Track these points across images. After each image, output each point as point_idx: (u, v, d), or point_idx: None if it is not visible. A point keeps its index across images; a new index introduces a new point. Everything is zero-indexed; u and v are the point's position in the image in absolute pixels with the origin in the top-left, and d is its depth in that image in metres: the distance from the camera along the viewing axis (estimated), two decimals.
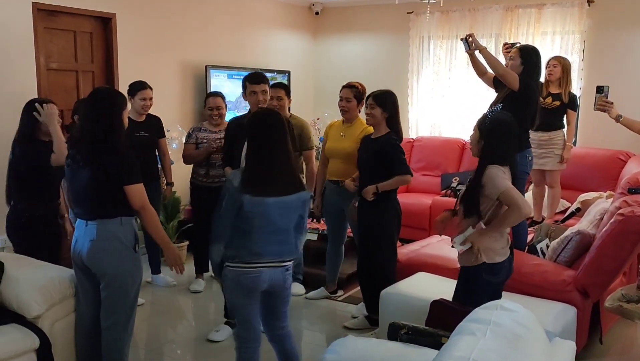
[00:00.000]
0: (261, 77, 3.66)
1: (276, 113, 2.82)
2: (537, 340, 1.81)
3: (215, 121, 4.49)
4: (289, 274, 2.75)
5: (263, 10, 6.68)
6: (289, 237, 2.69)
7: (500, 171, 2.74)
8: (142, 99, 4.28)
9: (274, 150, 2.63)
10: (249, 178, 2.59)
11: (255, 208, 2.57)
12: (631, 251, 3.25)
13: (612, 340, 3.73)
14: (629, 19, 5.67)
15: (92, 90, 2.93)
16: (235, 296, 2.70)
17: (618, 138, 5.48)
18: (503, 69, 3.93)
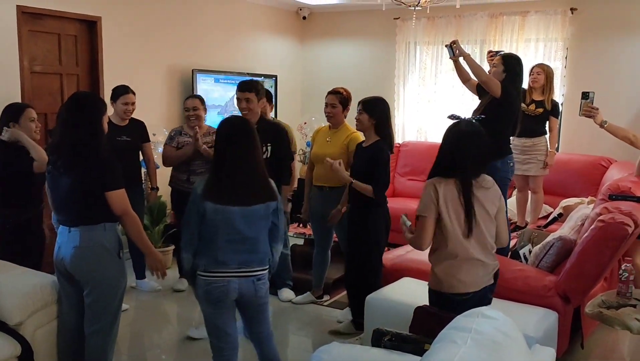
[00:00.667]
0: (244, 85, 3.67)
1: (244, 121, 2.77)
2: (517, 348, 1.84)
3: (192, 122, 4.47)
4: (262, 283, 2.68)
5: (250, 15, 6.69)
6: (258, 246, 2.64)
7: (431, 186, 2.60)
8: (124, 104, 4.26)
9: (238, 159, 2.59)
10: (211, 186, 2.57)
11: (218, 215, 2.55)
12: (611, 257, 3.30)
13: (593, 345, 3.78)
14: (611, 27, 5.76)
15: (71, 95, 2.89)
16: (206, 307, 2.67)
17: (600, 145, 5.56)
18: (485, 76, 3.99)
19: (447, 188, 2.59)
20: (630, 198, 3.71)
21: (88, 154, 2.64)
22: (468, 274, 2.60)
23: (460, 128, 2.64)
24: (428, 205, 2.59)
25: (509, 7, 6.13)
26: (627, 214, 3.34)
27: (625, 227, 3.24)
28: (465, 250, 2.59)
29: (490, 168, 4.02)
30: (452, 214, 2.59)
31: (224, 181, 2.57)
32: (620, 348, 3.93)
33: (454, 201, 2.58)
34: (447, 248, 2.61)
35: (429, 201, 2.59)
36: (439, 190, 2.59)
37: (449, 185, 2.59)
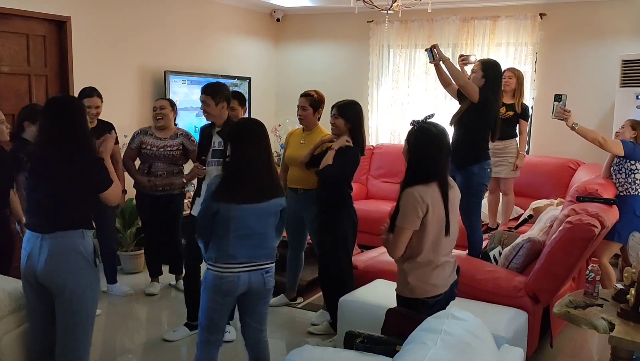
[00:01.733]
0: (203, 87, 3.69)
1: (255, 123, 2.84)
2: (486, 348, 1.87)
3: (158, 123, 4.45)
4: (270, 276, 2.80)
5: (224, 16, 6.65)
6: (266, 241, 2.76)
7: (417, 197, 2.51)
8: (87, 107, 4.16)
9: (250, 159, 2.69)
10: (224, 186, 2.67)
11: (230, 212, 2.65)
12: (579, 257, 3.37)
13: (562, 343, 3.85)
14: (579, 32, 5.89)
15: (48, 100, 2.84)
16: (210, 298, 2.75)
17: (569, 147, 5.68)
18: (464, 81, 4.03)
19: (433, 195, 2.54)
20: (597, 199, 3.80)
21: (74, 159, 2.57)
22: (439, 277, 2.62)
23: (431, 130, 2.61)
24: (411, 218, 2.52)
25: (480, 12, 6.22)
26: (593, 215, 3.42)
27: (592, 228, 3.32)
28: (437, 255, 2.60)
29: (466, 173, 4.13)
30: (437, 219, 2.56)
31: (236, 181, 2.68)
32: (588, 347, 4.02)
33: (439, 205, 2.56)
34: (421, 256, 2.58)
35: (413, 215, 2.51)
36: (425, 200, 2.51)
37: (434, 191, 2.55)
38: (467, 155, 4.07)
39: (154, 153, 4.43)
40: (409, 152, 2.63)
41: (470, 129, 4.10)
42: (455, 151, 4.20)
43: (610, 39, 5.74)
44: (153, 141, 4.45)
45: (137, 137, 4.49)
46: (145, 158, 4.48)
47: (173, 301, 4.61)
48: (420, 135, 2.61)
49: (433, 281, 2.61)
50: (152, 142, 4.45)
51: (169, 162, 4.45)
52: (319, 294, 4.43)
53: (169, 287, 4.82)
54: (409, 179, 2.58)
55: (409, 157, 2.63)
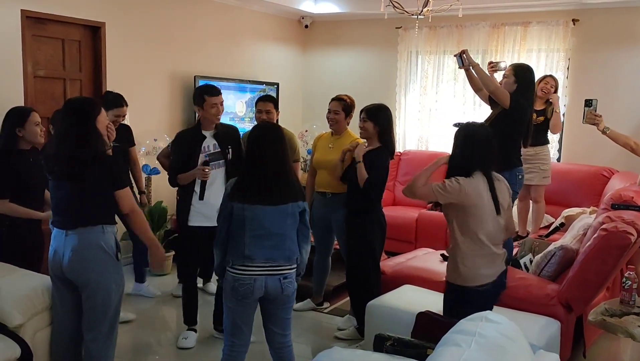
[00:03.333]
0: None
1: (272, 126, 2.90)
2: (521, 352, 1.83)
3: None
4: (289, 282, 2.76)
5: (253, 23, 6.72)
6: (284, 242, 2.73)
7: (460, 184, 2.72)
8: (116, 116, 4.21)
9: (266, 162, 2.71)
10: (239, 187, 2.70)
11: (244, 211, 2.67)
12: (614, 265, 3.29)
13: (595, 354, 3.75)
14: (612, 38, 5.78)
15: (64, 103, 2.90)
16: (230, 301, 2.76)
17: (602, 155, 5.57)
18: (495, 86, 3.97)
19: (478, 185, 2.73)
20: (633, 207, 3.70)
21: (86, 159, 2.63)
22: (490, 267, 2.76)
23: (475, 129, 2.86)
24: (454, 189, 2.70)
25: (511, 18, 6.15)
26: (629, 223, 3.33)
27: (628, 236, 3.23)
28: (489, 244, 2.75)
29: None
30: (487, 208, 2.73)
31: (251, 182, 2.71)
32: (622, 357, 3.91)
33: (487, 194, 2.73)
34: (476, 244, 2.73)
35: (455, 190, 2.70)
36: (469, 185, 2.72)
37: (478, 181, 2.73)
38: (497, 161, 4.00)
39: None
40: (453, 148, 2.83)
41: (501, 135, 4.02)
42: None
43: None
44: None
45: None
46: None
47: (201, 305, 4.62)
48: (465, 132, 2.84)
49: (484, 271, 2.74)
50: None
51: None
52: (345, 299, 4.41)
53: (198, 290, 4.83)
54: (450, 172, 2.78)
55: (453, 152, 2.83)
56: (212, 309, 3.98)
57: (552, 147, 5.71)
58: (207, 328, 4.02)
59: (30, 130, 3.36)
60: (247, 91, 6.40)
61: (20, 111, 3.44)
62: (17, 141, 3.31)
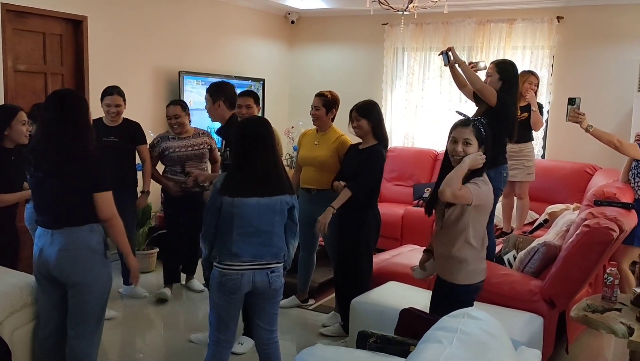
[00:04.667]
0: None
1: (261, 121, 2.88)
2: (503, 348, 1.82)
3: (175, 130, 4.46)
4: (276, 276, 2.76)
5: (239, 18, 6.67)
6: (271, 239, 2.73)
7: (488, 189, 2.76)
8: (107, 105, 4.19)
9: (256, 156, 2.70)
10: (229, 181, 2.69)
11: (233, 208, 2.65)
12: (596, 261, 3.31)
13: (578, 349, 3.78)
14: (596, 36, 5.82)
15: (51, 94, 2.76)
16: (216, 296, 2.75)
17: (585, 152, 5.61)
18: (481, 84, 3.96)
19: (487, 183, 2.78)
20: (615, 203, 3.74)
21: (76, 155, 2.55)
22: (484, 261, 2.82)
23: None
24: (485, 191, 2.71)
25: (496, 15, 6.17)
26: (612, 219, 3.36)
27: (610, 232, 3.26)
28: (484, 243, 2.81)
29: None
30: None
31: (241, 175, 2.69)
32: (604, 354, 3.95)
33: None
34: (482, 241, 2.77)
35: (485, 191, 2.71)
36: (488, 185, 2.77)
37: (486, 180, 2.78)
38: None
39: (184, 154, 4.45)
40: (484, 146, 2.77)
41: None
42: None
43: (629, 42, 5.66)
44: (177, 143, 4.46)
45: (158, 144, 4.49)
46: (174, 161, 4.46)
47: (185, 302, 4.60)
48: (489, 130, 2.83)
49: (484, 265, 2.81)
50: (178, 145, 4.45)
51: (198, 160, 4.49)
52: (330, 296, 4.40)
53: (180, 286, 4.81)
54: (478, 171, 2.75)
55: (484, 151, 2.78)
56: (199, 310, 3.94)
57: (536, 144, 5.74)
58: (194, 327, 4.00)
59: (17, 129, 3.28)
60: (237, 86, 6.31)
61: (8, 110, 3.35)
62: (3, 139, 3.24)
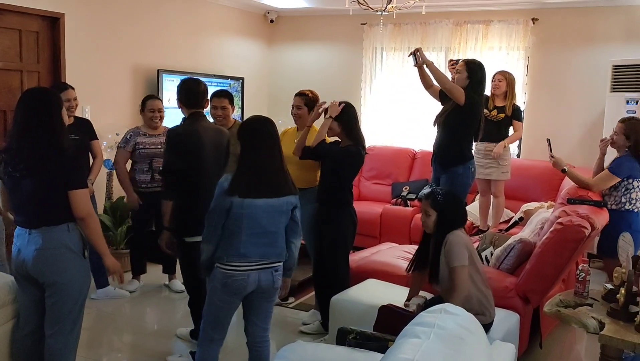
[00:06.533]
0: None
1: (267, 120, 2.85)
2: (478, 343, 1.87)
3: (155, 123, 4.49)
4: (279, 274, 2.79)
5: (218, 17, 6.65)
6: (277, 239, 2.75)
7: (460, 237, 2.90)
8: (66, 101, 4.14)
9: (262, 155, 2.70)
10: (238, 180, 2.66)
11: (243, 210, 2.64)
12: (569, 258, 3.39)
13: (551, 344, 3.87)
14: (570, 37, 5.95)
15: (24, 93, 2.72)
16: (219, 296, 2.74)
17: (559, 151, 5.67)
18: (450, 84, 4.05)
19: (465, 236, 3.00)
20: (587, 202, 3.83)
21: (51, 153, 2.53)
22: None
23: (456, 194, 3.26)
24: (463, 253, 2.86)
25: (473, 16, 6.26)
26: (584, 217, 3.45)
27: (582, 229, 3.34)
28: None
29: (451, 174, 4.16)
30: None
31: (251, 175, 2.67)
32: (577, 348, 4.05)
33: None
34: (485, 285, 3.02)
35: (463, 249, 2.87)
36: (465, 238, 2.97)
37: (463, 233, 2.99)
38: (452, 156, 4.11)
39: (152, 151, 4.48)
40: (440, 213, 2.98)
41: (455, 130, 4.13)
42: (440, 152, 4.26)
43: (601, 44, 5.80)
44: (148, 139, 4.51)
45: (131, 139, 4.49)
46: (143, 157, 4.49)
47: (164, 301, 4.59)
48: (453, 196, 3.11)
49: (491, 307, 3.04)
50: (148, 141, 4.50)
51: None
52: (310, 294, 4.43)
53: (163, 287, 4.80)
54: (446, 227, 2.96)
55: (441, 216, 2.97)
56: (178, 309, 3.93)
57: (510, 137, 5.82)
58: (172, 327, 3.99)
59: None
60: (215, 85, 6.32)
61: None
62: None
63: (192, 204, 3.32)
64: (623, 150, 3.93)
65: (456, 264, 2.83)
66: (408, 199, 5.97)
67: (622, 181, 3.88)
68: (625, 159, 3.90)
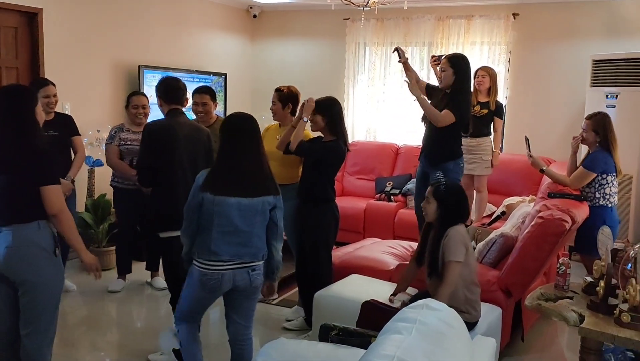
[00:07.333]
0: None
1: (249, 118, 2.83)
2: (460, 338, 1.88)
3: (140, 120, 4.47)
4: (257, 274, 2.76)
5: (200, 12, 6.60)
6: (250, 239, 2.70)
7: (460, 234, 2.91)
8: (45, 97, 4.11)
9: (240, 152, 2.67)
10: (212, 177, 2.65)
11: (214, 206, 2.62)
12: (550, 251, 3.43)
13: (533, 337, 3.92)
14: (550, 32, 6.00)
15: (0, 88, 2.73)
16: (196, 292, 2.73)
17: (541, 146, 5.77)
18: (440, 119, 3.99)
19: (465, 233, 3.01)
20: (568, 195, 3.88)
21: (23, 150, 2.51)
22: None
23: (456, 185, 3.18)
24: (460, 250, 2.88)
25: (455, 11, 6.28)
26: (564, 211, 3.48)
27: (563, 223, 3.38)
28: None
29: (442, 170, 4.15)
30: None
31: (226, 172, 2.66)
32: (558, 341, 4.09)
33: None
34: (476, 285, 3.03)
35: (461, 246, 2.89)
36: (465, 235, 2.98)
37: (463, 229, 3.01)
38: (442, 152, 4.11)
39: (135, 148, 4.41)
40: (443, 205, 2.98)
41: (446, 128, 4.13)
42: (431, 149, 4.26)
43: (581, 39, 5.86)
44: (131, 136, 4.47)
45: (116, 135, 4.47)
46: (124, 154, 4.47)
47: (148, 299, 4.56)
48: (455, 189, 3.07)
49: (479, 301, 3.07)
50: (131, 137, 4.46)
51: None
52: (294, 290, 4.43)
53: (146, 285, 4.76)
54: (448, 223, 2.96)
55: (444, 208, 2.97)
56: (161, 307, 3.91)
57: (494, 139, 5.88)
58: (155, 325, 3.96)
59: None
60: (197, 81, 6.26)
61: None
62: None
63: (165, 200, 3.31)
64: (594, 146, 3.99)
65: (451, 259, 2.85)
66: (392, 194, 5.99)
67: (596, 177, 3.92)
68: (598, 154, 3.95)
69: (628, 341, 2.53)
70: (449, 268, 2.84)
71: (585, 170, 3.92)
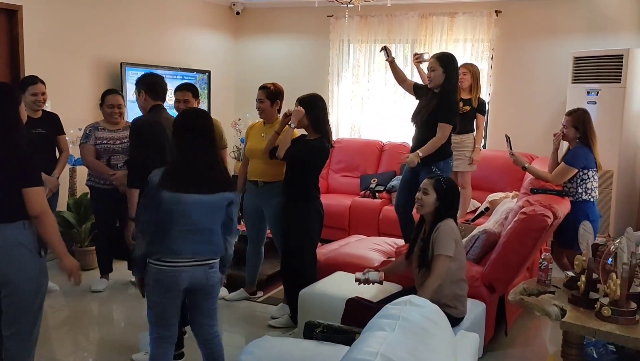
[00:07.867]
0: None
1: (202, 113, 2.81)
2: (443, 333, 1.89)
3: (115, 119, 4.44)
4: (214, 272, 2.72)
5: (182, 8, 6.55)
6: (211, 237, 2.67)
7: (451, 228, 2.94)
8: (34, 94, 4.11)
9: (195, 150, 2.63)
10: (168, 175, 2.60)
11: (173, 205, 2.57)
12: (533, 247, 3.46)
13: (516, 332, 3.95)
14: (532, 29, 6.05)
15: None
16: (154, 294, 2.67)
17: (523, 142, 5.82)
18: (434, 145, 4.05)
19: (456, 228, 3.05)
20: (550, 191, 3.91)
21: (6, 150, 2.47)
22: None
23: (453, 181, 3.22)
24: (450, 244, 2.90)
25: (438, 8, 6.30)
26: (547, 206, 3.52)
27: (545, 218, 3.41)
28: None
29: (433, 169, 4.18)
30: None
31: (182, 170, 2.61)
32: (541, 335, 4.14)
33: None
34: (464, 281, 3.07)
35: (451, 241, 2.91)
36: (456, 230, 3.02)
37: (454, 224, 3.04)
38: (435, 153, 4.12)
39: (111, 147, 4.42)
40: (441, 198, 3.02)
41: (435, 128, 4.12)
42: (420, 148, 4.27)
43: (563, 36, 5.91)
44: (107, 134, 4.45)
45: (91, 134, 4.43)
46: (101, 153, 4.44)
47: (131, 298, 4.52)
48: (448, 183, 3.09)
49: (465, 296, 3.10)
50: (107, 136, 4.44)
51: (124, 154, 4.41)
52: (279, 288, 4.43)
53: (129, 284, 4.73)
54: (442, 216, 3.00)
55: (441, 202, 3.02)
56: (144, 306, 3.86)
57: (476, 135, 5.91)
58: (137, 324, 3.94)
59: None
60: (181, 78, 6.22)
61: None
62: None
63: None
64: (575, 142, 4.03)
65: (441, 253, 2.87)
66: (376, 191, 6.00)
67: (578, 172, 3.96)
68: (578, 149, 3.99)
69: (609, 334, 2.57)
70: (438, 261, 2.86)
71: (567, 166, 3.96)
